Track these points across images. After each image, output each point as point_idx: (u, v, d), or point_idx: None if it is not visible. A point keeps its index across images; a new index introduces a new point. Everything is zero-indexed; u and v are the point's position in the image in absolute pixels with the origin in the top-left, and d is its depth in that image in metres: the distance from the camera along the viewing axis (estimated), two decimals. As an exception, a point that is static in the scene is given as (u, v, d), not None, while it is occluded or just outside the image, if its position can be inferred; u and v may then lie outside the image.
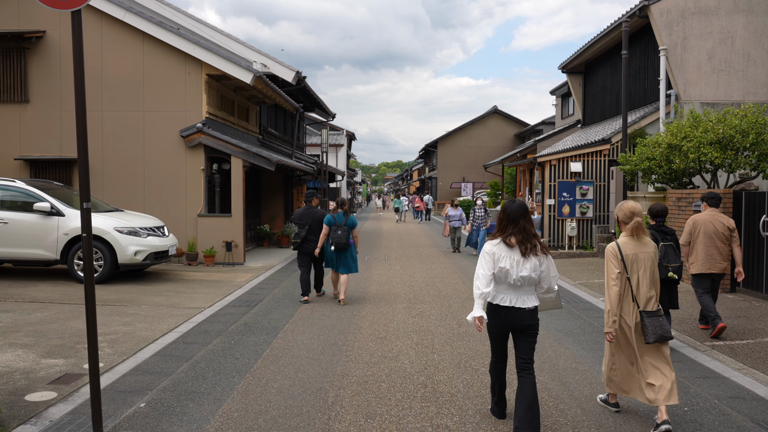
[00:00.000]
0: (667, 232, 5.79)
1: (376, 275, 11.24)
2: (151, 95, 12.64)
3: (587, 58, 19.62)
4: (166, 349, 5.89)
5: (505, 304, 3.84)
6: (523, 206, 3.90)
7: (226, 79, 13.23)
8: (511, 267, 3.77)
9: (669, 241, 5.70)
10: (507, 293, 3.84)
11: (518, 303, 3.82)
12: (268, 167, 12.57)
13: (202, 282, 10.16)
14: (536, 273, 3.80)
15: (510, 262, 3.78)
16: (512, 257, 3.79)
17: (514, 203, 3.92)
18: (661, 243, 5.66)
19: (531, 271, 3.78)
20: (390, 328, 6.85)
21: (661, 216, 5.82)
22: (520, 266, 3.77)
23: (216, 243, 12.47)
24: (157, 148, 12.67)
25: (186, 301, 8.34)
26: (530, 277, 3.79)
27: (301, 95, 20.14)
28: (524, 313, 3.83)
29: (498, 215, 4.03)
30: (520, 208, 3.88)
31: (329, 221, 8.33)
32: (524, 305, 3.83)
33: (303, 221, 8.60)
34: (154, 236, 10.07)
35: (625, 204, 4.36)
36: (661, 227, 5.82)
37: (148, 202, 12.66)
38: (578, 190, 14.24)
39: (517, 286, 3.81)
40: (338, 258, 8.40)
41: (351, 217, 8.49)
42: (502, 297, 3.86)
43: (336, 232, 8.25)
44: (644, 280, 4.17)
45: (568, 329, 6.87)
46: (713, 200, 6.66)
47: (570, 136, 20.09)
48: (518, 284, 3.80)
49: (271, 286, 9.82)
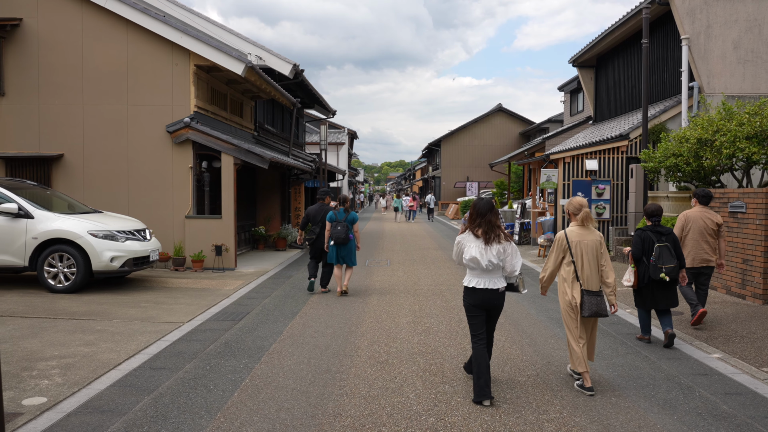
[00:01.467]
0: (663, 232, 5.95)
1: (378, 282, 10.33)
2: (136, 88, 11.75)
3: (599, 51, 18.68)
4: (128, 377, 4.99)
5: (480, 286, 4.51)
6: (490, 203, 4.60)
7: (217, 70, 12.33)
8: (479, 255, 4.44)
9: (664, 241, 5.87)
10: (481, 277, 4.53)
11: (490, 285, 4.51)
12: (261, 165, 11.67)
13: (186, 290, 9.27)
14: (500, 258, 4.49)
15: (477, 250, 4.46)
16: (478, 246, 4.48)
17: (482, 201, 4.63)
18: (656, 244, 5.83)
19: (497, 257, 4.47)
20: (392, 349, 5.94)
21: (656, 216, 6.02)
22: (486, 252, 4.46)
23: (205, 247, 11.58)
24: (141, 144, 11.78)
25: (164, 314, 7.44)
26: (497, 263, 4.48)
27: (300, 91, 19.24)
28: (496, 293, 4.54)
29: (469, 210, 4.67)
30: (487, 204, 4.58)
31: (330, 218, 8.85)
32: (495, 286, 4.52)
33: (317, 218, 9.27)
34: (133, 240, 9.18)
35: (575, 199, 5.02)
36: (656, 227, 5.99)
37: (133, 202, 11.78)
38: (594, 189, 13.31)
39: (489, 270, 4.49)
40: (338, 252, 8.82)
41: (352, 213, 8.93)
42: (477, 281, 4.53)
43: (336, 227, 8.69)
44: (588, 263, 4.79)
45: (614, 363, 5.96)
46: (704, 198, 7.02)
47: (581, 132, 19.15)
48: (489, 268, 4.48)
49: (262, 295, 8.92)
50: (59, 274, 8.69)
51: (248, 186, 15.86)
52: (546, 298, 8.73)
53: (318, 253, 9.31)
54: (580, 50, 19.18)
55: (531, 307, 8.17)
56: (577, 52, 19.37)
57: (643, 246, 5.95)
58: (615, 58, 18.00)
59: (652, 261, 5.83)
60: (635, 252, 5.99)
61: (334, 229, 8.69)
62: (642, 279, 5.96)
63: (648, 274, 5.88)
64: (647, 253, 5.91)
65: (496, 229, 4.50)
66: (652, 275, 5.83)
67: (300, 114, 22.64)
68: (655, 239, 5.85)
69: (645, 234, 5.99)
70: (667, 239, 5.85)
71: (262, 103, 17.24)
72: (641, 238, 5.99)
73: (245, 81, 13.37)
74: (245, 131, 15.00)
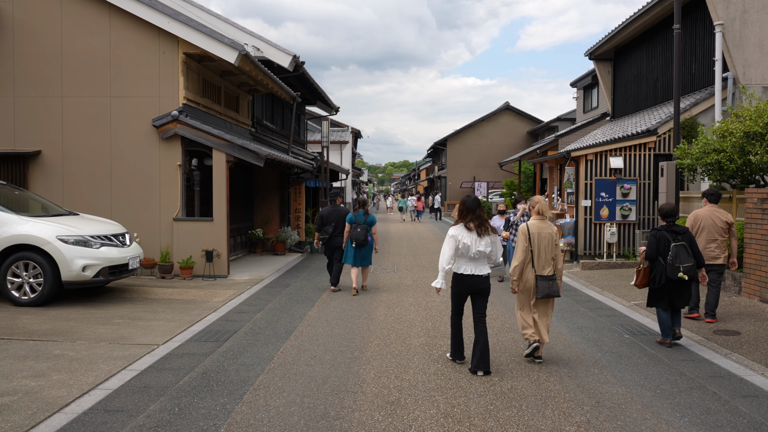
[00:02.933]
0: (678, 231, 5.96)
1: (384, 293, 9.28)
2: (120, 78, 10.74)
3: (618, 43, 17.60)
4: (73, 425, 3.97)
5: (467, 272, 5.19)
6: (477, 200, 5.27)
7: (209, 60, 11.32)
8: (471, 244, 5.11)
9: (680, 240, 5.88)
10: (468, 264, 5.19)
11: (476, 271, 5.19)
12: (257, 162, 10.64)
13: (169, 303, 8.25)
14: (488, 248, 5.16)
15: (470, 240, 5.13)
16: (471, 237, 5.14)
17: (470, 198, 5.27)
18: (672, 244, 5.85)
19: (485, 247, 5.14)
20: (404, 383, 4.90)
21: (671, 216, 6.04)
22: (477, 243, 5.13)
23: (195, 252, 10.57)
24: (126, 140, 10.77)
25: (138, 334, 6.42)
26: (484, 251, 5.15)
27: (301, 86, 18.21)
28: (481, 279, 5.19)
29: (458, 207, 5.33)
30: (474, 201, 5.26)
31: (351, 219, 9.10)
32: (481, 273, 5.20)
33: (330, 219, 9.46)
34: (110, 246, 8.16)
35: (534, 198, 5.55)
36: (672, 227, 5.99)
37: (116, 203, 10.77)
38: (619, 189, 12.23)
39: (475, 258, 5.18)
40: (356, 253, 9.08)
41: (371, 216, 9.26)
42: (464, 268, 5.20)
43: (356, 229, 8.98)
44: (543, 252, 5.38)
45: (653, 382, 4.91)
46: (713, 197, 7.21)
47: (598, 129, 18.07)
48: (476, 257, 5.17)
49: (254, 309, 7.89)
50: (24, 285, 7.69)
51: (245, 186, 14.85)
52: (575, 313, 7.68)
53: (331, 252, 9.52)
54: (597, 42, 18.11)
55: (560, 324, 7.12)
56: (594, 44, 18.30)
57: (658, 246, 5.95)
58: (635, 49, 16.92)
59: (669, 260, 5.82)
60: (650, 252, 5.98)
61: (353, 230, 8.99)
62: (659, 279, 5.92)
63: (665, 274, 5.85)
64: (663, 253, 5.91)
65: (486, 223, 5.22)
66: (669, 275, 5.81)
67: (301, 111, 21.62)
68: (671, 239, 5.88)
69: (660, 234, 5.99)
70: (683, 238, 5.89)
71: (260, 98, 16.22)
72: (656, 238, 5.99)
73: (240, 72, 12.37)
74: (241, 127, 13.99)
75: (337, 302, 8.41)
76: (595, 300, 8.76)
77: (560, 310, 7.92)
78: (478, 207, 5.22)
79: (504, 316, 7.50)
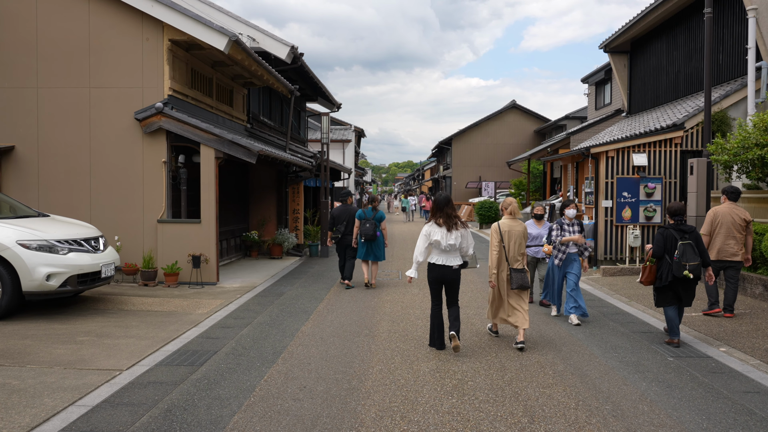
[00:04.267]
0: (686, 230, 5.98)
1: (387, 305, 8.36)
2: (100, 67, 9.86)
3: (635, 35, 16.62)
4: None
5: (439, 263, 5.78)
6: (447, 198, 5.87)
7: (198, 48, 10.42)
8: (441, 238, 5.69)
9: (688, 239, 5.90)
10: (440, 256, 5.79)
11: (447, 262, 5.77)
12: (248, 159, 9.74)
13: (147, 315, 7.35)
14: (458, 241, 5.72)
15: (440, 235, 5.70)
16: (441, 232, 5.72)
17: (441, 196, 5.86)
18: (679, 242, 5.85)
19: (455, 240, 5.71)
20: (412, 425, 3.98)
21: (679, 215, 6.04)
22: (447, 237, 5.70)
23: (181, 256, 9.67)
24: (106, 134, 9.89)
25: (101, 356, 5.52)
26: (455, 244, 5.71)
27: (301, 81, 17.31)
28: (451, 269, 5.77)
29: (432, 205, 5.94)
30: (444, 199, 5.85)
31: (360, 216, 9.44)
32: (451, 264, 5.77)
33: (341, 218, 9.75)
34: (79, 252, 7.26)
35: (506, 199, 6.29)
36: (680, 226, 6.01)
37: (96, 203, 9.89)
38: (642, 188, 11.27)
39: (447, 251, 5.75)
40: (368, 248, 9.43)
41: (379, 212, 9.58)
42: (436, 258, 5.81)
43: (365, 225, 9.32)
44: (514, 247, 6.02)
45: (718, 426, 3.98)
46: (733, 194, 7.29)
47: (614, 126, 17.10)
48: (447, 250, 5.73)
49: (241, 323, 6.98)
50: (-20, 296, 6.80)
51: (239, 185, 13.96)
52: (605, 328, 6.74)
53: (343, 250, 9.75)
54: (612, 34, 17.15)
55: (591, 343, 6.18)
56: (609, 36, 17.34)
57: (665, 244, 5.96)
58: (654, 41, 15.95)
59: (676, 258, 5.83)
60: (657, 250, 6.01)
61: (363, 226, 9.33)
62: (665, 277, 5.92)
63: (671, 272, 5.86)
64: (670, 251, 5.93)
65: (454, 218, 5.73)
66: (675, 273, 5.83)
67: (302, 107, 20.72)
68: (678, 237, 5.91)
69: (668, 232, 6.01)
70: (690, 237, 5.92)
71: (256, 93, 15.33)
72: (664, 236, 6.00)
73: (233, 63, 11.47)
74: (236, 122, 13.09)
75: (334, 314, 7.49)
76: (624, 312, 7.81)
77: (588, 324, 6.98)
78: (447, 205, 5.82)
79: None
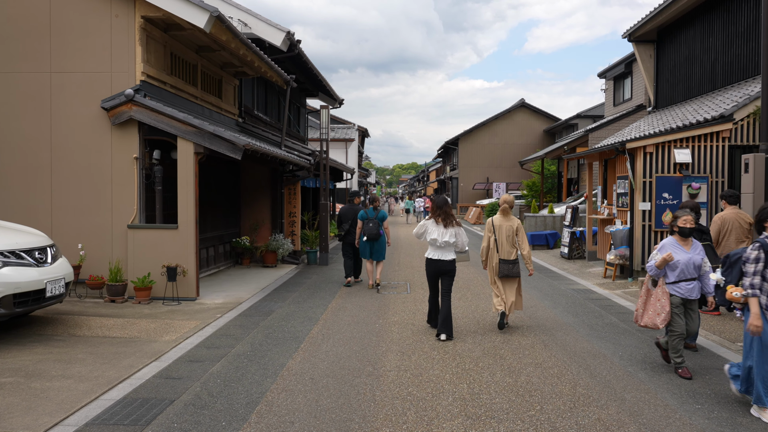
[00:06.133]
0: (704, 230, 6.05)
1: (395, 327, 6.97)
2: (62, 49, 8.54)
3: (662, 22, 15.21)
4: None
5: (434, 258, 6.47)
6: (444, 199, 6.62)
7: (178, 28, 9.09)
8: (438, 236, 6.37)
9: (707, 240, 5.93)
10: (435, 252, 6.47)
11: (441, 257, 6.43)
12: (232, 154, 8.38)
13: (100, 343, 6.00)
14: (453, 238, 6.41)
15: (437, 232, 6.40)
16: (438, 229, 6.41)
17: (440, 197, 6.64)
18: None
19: (450, 237, 6.39)
20: None
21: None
22: (443, 234, 6.38)
23: (155, 267, 8.32)
24: (70, 126, 8.56)
25: (17, 409, 4.16)
26: (449, 241, 6.39)
27: (301, 74, 15.99)
28: (446, 263, 6.44)
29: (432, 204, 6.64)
30: (443, 201, 6.60)
31: (362, 216, 9.65)
32: (445, 258, 6.43)
33: (347, 216, 10.22)
34: (18, 266, 5.92)
35: (503, 196, 6.80)
36: (698, 226, 5.77)
37: (58, 206, 8.57)
38: (686, 188, 9.87)
39: (441, 247, 6.42)
40: (371, 247, 9.58)
41: (381, 212, 9.75)
42: (432, 254, 6.49)
43: (368, 224, 9.48)
44: (505, 241, 6.70)
45: None
46: (733, 198, 7.29)
47: (640, 121, 15.68)
48: (442, 246, 6.41)
49: (214, 355, 5.62)
50: None
51: (229, 186, 12.62)
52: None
53: (348, 248, 10.19)
54: (637, 22, 15.75)
55: (657, 386, 4.79)
56: (634, 24, 15.94)
57: None
58: (686, 28, 14.55)
59: None
60: None
61: (366, 226, 9.51)
62: None
63: None
64: None
65: (451, 217, 6.48)
66: None
67: (301, 103, 19.40)
68: (697, 238, 5.65)
69: None
70: (708, 237, 5.79)
71: (250, 85, 14.00)
72: None
73: (220, 47, 10.15)
74: (225, 116, 11.75)
75: (330, 342, 6.13)
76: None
77: (635, 347, 5.57)
78: (445, 204, 6.54)
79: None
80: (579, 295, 9.11)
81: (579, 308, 8.03)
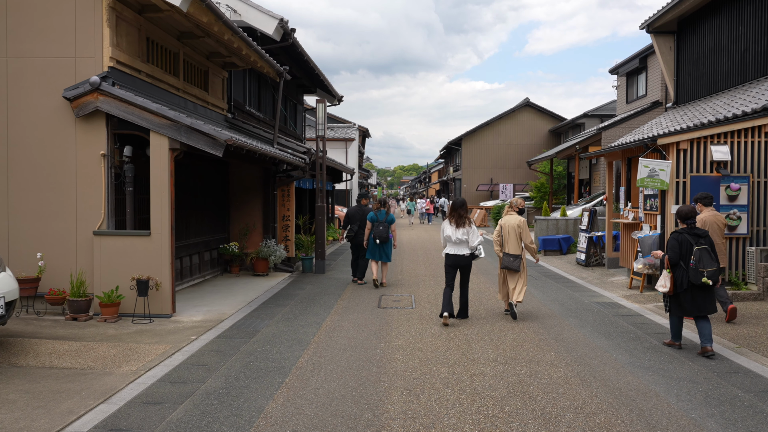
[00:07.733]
0: (700, 234, 5.77)
1: (400, 353, 5.91)
2: (20, 31, 7.51)
3: (684, 11, 14.15)
4: None
5: (451, 252, 7.32)
6: (461, 201, 7.48)
7: (154, 9, 8.05)
8: (451, 233, 7.23)
9: (703, 244, 5.69)
10: (451, 247, 7.31)
11: (457, 252, 7.27)
12: (212, 150, 7.34)
13: (43, 377, 4.95)
14: (465, 236, 7.20)
15: (451, 231, 7.26)
16: (452, 228, 7.26)
17: (458, 199, 7.49)
18: (695, 247, 5.62)
19: (462, 235, 7.20)
20: None
21: (690, 218, 5.81)
22: (456, 233, 7.21)
23: (125, 280, 7.28)
24: (28, 118, 7.53)
25: None
26: (462, 238, 7.20)
27: (297, 68, 14.96)
28: (461, 257, 7.27)
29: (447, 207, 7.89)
30: (459, 203, 7.43)
31: (372, 218, 9.98)
32: (461, 253, 7.26)
33: (355, 217, 10.53)
34: (-58, 283, 4.87)
35: (512, 199, 7.83)
36: (693, 230, 5.78)
37: (15, 210, 7.53)
38: (724, 190, 8.82)
39: (456, 243, 7.25)
40: (380, 249, 9.89)
41: (391, 215, 10.15)
42: (449, 249, 7.33)
43: (378, 227, 9.83)
44: (510, 237, 7.44)
45: None
46: (707, 200, 7.36)
47: (659, 118, 14.62)
48: (457, 242, 7.23)
49: (178, 395, 4.56)
50: None
51: (216, 187, 11.57)
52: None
53: (356, 248, 10.48)
54: (656, 12, 14.72)
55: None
56: (652, 14, 14.91)
57: (681, 249, 5.68)
58: (710, 16, 13.50)
59: (692, 265, 5.60)
60: (672, 256, 5.69)
61: (376, 228, 9.79)
62: (680, 284, 5.64)
63: (687, 279, 5.61)
64: (685, 257, 5.66)
65: (464, 218, 7.27)
66: (692, 280, 5.57)
67: (298, 100, 18.36)
68: (693, 242, 5.67)
69: (682, 236, 5.75)
70: (705, 242, 5.72)
71: (241, 79, 12.96)
72: (678, 241, 5.73)
73: (204, 33, 9.13)
74: (212, 110, 10.72)
75: (322, 375, 5.07)
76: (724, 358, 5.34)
77: (691, 382, 4.51)
78: (461, 207, 7.39)
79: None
80: (606, 309, 8.06)
81: (610, 327, 6.98)
